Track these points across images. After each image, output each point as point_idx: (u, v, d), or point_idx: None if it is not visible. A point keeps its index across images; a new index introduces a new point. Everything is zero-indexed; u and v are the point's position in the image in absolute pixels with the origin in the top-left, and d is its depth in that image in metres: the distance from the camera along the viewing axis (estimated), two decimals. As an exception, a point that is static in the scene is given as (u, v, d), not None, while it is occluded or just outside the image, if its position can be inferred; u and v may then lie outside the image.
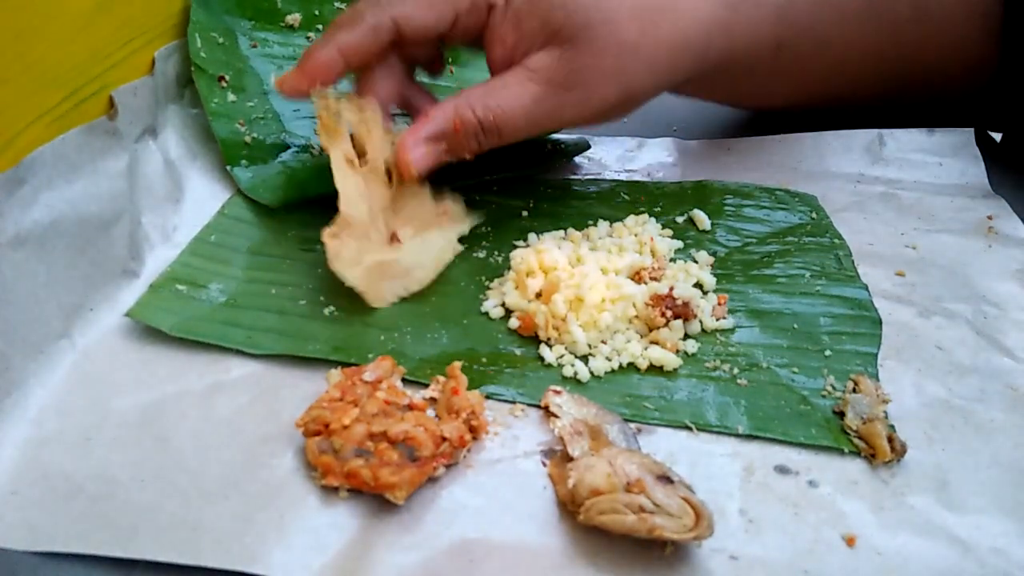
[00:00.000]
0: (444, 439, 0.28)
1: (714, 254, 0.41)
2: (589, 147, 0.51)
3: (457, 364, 0.32)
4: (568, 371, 0.34)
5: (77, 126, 0.36)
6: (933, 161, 0.48)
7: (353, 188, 0.37)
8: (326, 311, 0.36)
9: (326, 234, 0.35)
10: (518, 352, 0.35)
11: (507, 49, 0.36)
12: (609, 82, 0.36)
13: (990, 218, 0.44)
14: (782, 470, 0.30)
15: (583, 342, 0.34)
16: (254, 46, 0.49)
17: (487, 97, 0.35)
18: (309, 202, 0.42)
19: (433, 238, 0.39)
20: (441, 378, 0.32)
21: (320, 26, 0.53)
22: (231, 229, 0.42)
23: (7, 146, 0.32)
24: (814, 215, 0.44)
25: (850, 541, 0.27)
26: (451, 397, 0.30)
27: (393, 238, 0.38)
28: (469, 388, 0.32)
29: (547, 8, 0.34)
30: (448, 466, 0.29)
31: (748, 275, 0.40)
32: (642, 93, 0.38)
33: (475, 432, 0.30)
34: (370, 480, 0.27)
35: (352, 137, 0.38)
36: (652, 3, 0.36)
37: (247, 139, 0.45)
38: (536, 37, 0.35)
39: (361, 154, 0.38)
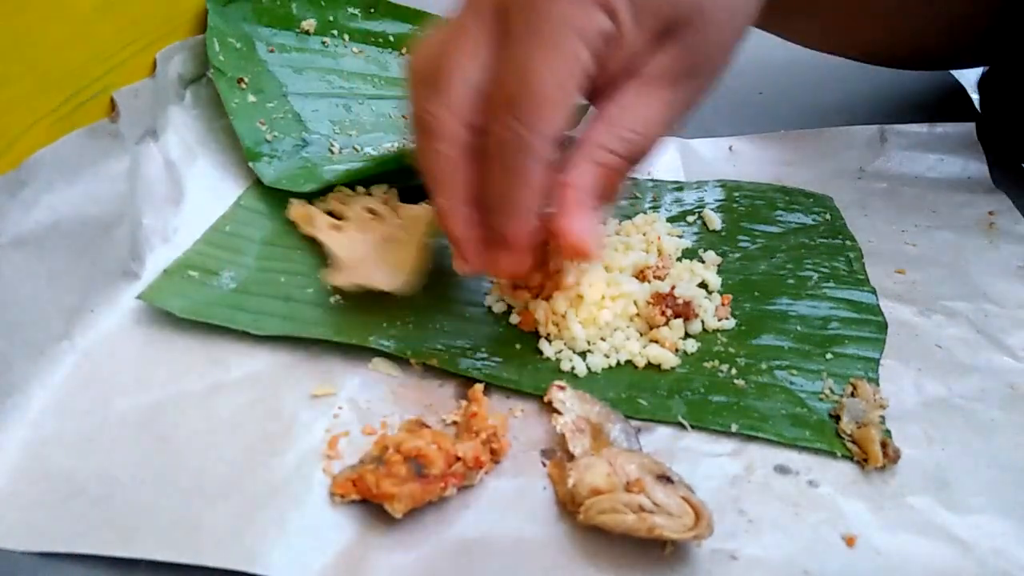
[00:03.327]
0: (458, 458, 0.28)
1: (723, 254, 0.41)
2: None
3: (479, 387, 0.31)
4: (566, 366, 0.34)
5: (78, 128, 0.36)
6: (934, 156, 0.48)
7: (342, 239, 0.39)
8: (332, 299, 0.37)
9: (322, 274, 0.37)
10: (517, 346, 0.35)
11: (614, 74, 0.30)
12: (729, 40, 0.32)
13: (991, 214, 0.44)
14: (782, 470, 0.29)
15: (582, 339, 0.34)
16: (271, 51, 0.50)
17: (617, 129, 0.31)
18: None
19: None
20: (464, 402, 0.32)
21: (334, 32, 0.53)
22: (246, 220, 0.42)
23: (8, 148, 0.32)
24: (828, 216, 0.44)
25: (850, 541, 0.27)
26: (470, 419, 0.30)
27: None
28: (468, 380, 0.32)
29: (654, 11, 0.29)
30: (462, 487, 0.28)
31: (756, 276, 0.40)
32: (751, 19, 0.33)
33: (495, 455, 0.29)
34: (373, 487, 0.27)
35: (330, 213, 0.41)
36: None
37: (268, 137, 0.46)
38: (643, 41, 0.30)
39: (340, 217, 0.41)
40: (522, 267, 0.32)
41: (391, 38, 0.55)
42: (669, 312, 0.35)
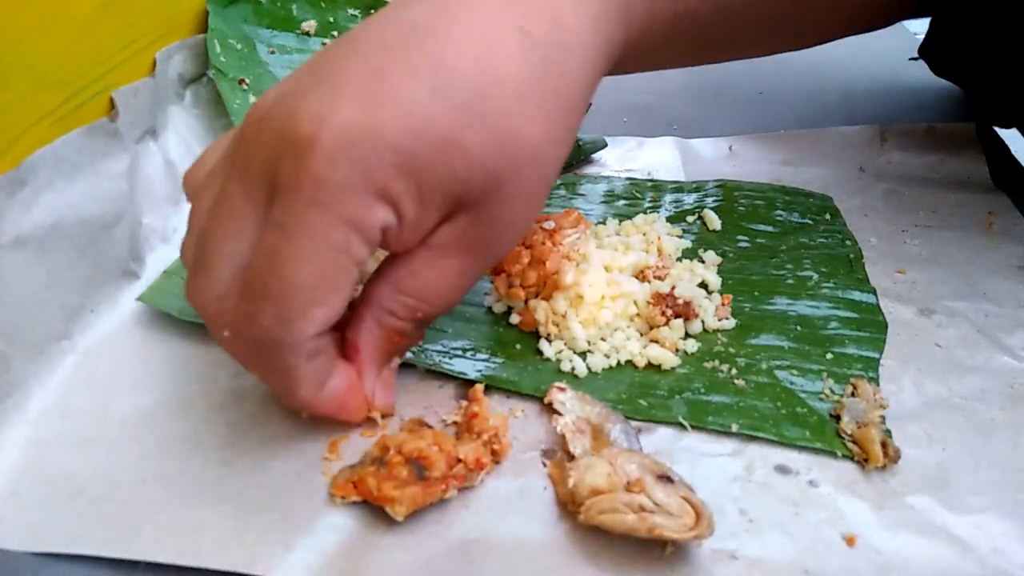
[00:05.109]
0: (459, 460, 0.28)
1: (723, 254, 0.41)
2: (606, 145, 0.51)
3: (479, 387, 0.31)
4: (566, 366, 0.34)
5: (78, 127, 0.36)
6: (934, 156, 0.48)
7: None
8: None
9: None
10: (518, 346, 0.35)
11: (408, 246, 0.28)
12: (531, 204, 0.29)
13: (991, 214, 0.44)
14: (782, 470, 0.29)
15: (582, 339, 0.34)
16: (272, 52, 0.50)
17: (402, 296, 0.28)
18: None
19: None
20: (464, 402, 0.32)
21: (335, 33, 0.54)
22: None
23: (8, 148, 0.32)
24: (828, 216, 0.44)
25: (850, 541, 0.27)
26: (471, 420, 0.30)
27: None
28: (468, 381, 0.32)
29: (442, 192, 0.26)
30: (463, 488, 0.28)
31: (756, 276, 0.40)
32: (553, 181, 0.30)
33: (496, 456, 0.29)
34: (374, 489, 0.27)
35: None
36: (540, 79, 0.27)
37: None
38: (434, 219, 0.27)
39: None
40: (355, 413, 0.29)
41: (390, 38, 0.56)
42: (669, 312, 0.35)
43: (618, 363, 0.34)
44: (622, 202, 0.46)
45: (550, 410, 0.31)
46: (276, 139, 0.24)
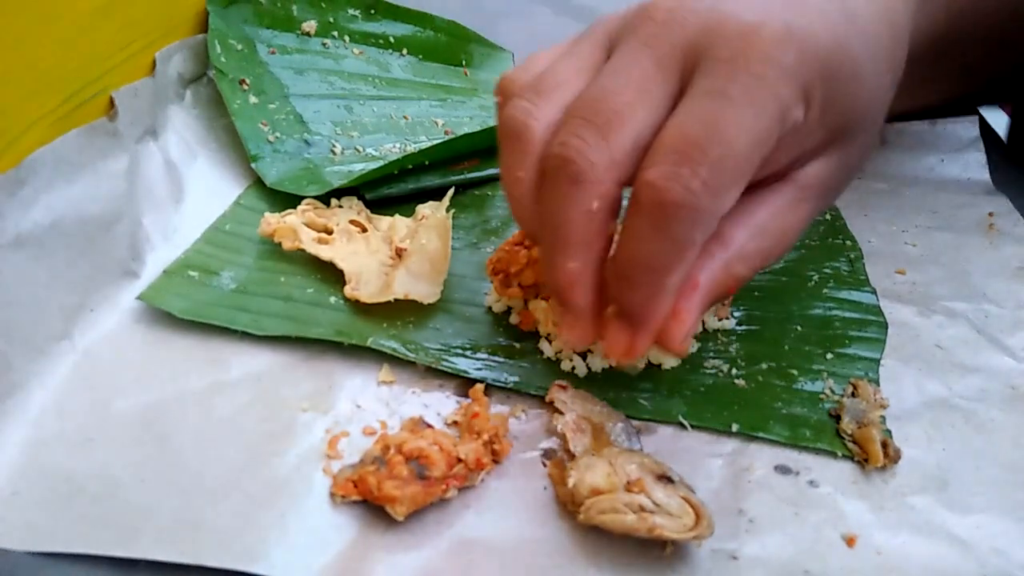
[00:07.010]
0: (459, 460, 0.28)
1: None
2: None
3: (480, 387, 0.31)
4: (566, 366, 0.34)
5: (77, 127, 0.36)
6: (934, 157, 0.48)
7: (339, 250, 0.39)
8: (332, 299, 0.37)
9: (347, 293, 0.37)
10: (518, 345, 0.35)
11: (776, 167, 0.27)
12: (866, 154, 0.30)
13: (991, 215, 0.44)
14: (782, 470, 0.29)
15: (582, 339, 0.34)
16: (272, 52, 0.50)
17: (759, 240, 0.27)
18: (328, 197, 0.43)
19: (429, 233, 0.40)
20: (464, 400, 0.32)
21: (335, 33, 0.54)
22: (246, 219, 0.42)
23: (8, 147, 0.32)
24: (829, 216, 0.44)
25: (850, 541, 0.27)
26: (472, 420, 0.30)
27: (398, 252, 0.39)
28: (468, 380, 0.32)
29: (842, 114, 0.27)
30: (463, 488, 0.28)
31: (756, 276, 0.39)
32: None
33: (497, 456, 0.29)
34: (374, 489, 0.27)
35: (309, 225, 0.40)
36: (878, 40, 0.28)
37: (270, 138, 0.46)
38: (816, 139, 0.27)
39: (326, 230, 0.40)
40: (643, 350, 0.27)
41: (391, 39, 0.56)
42: (669, 312, 0.35)
43: (618, 363, 0.34)
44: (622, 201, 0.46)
45: (551, 409, 0.31)
46: (703, 21, 0.25)
